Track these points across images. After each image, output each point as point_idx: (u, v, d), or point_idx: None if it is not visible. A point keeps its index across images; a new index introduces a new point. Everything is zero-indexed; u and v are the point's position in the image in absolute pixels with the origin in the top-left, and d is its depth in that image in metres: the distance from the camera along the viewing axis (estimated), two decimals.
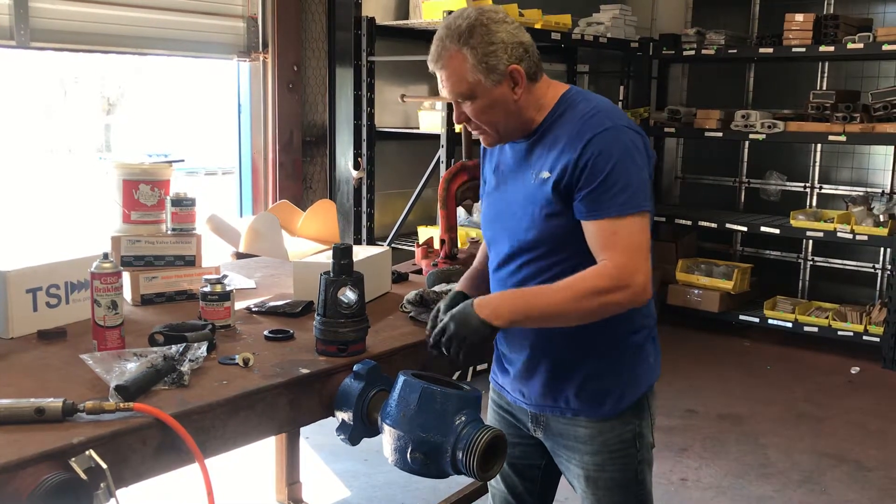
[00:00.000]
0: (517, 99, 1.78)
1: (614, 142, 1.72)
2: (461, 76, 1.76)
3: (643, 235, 1.72)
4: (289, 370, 1.86)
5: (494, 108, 1.79)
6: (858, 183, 6.11)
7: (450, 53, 1.76)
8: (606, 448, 1.90)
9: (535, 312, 1.75)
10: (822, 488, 3.74)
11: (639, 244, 1.71)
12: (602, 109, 1.78)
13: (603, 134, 1.72)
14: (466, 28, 1.74)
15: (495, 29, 1.75)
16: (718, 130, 5.93)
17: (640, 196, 1.72)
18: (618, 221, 1.70)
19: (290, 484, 3.44)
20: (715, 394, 4.88)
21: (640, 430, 1.94)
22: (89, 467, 1.41)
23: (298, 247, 2.81)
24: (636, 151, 1.75)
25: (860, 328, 5.44)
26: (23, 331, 2.08)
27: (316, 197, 4.76)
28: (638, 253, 1.71)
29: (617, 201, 1.70)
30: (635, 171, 1.73)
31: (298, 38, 4.61)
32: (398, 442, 1.68)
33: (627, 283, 1.69)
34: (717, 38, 6.00)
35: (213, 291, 2.15)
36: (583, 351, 1.86)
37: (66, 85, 16.54)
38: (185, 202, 2.47)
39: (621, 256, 1.70)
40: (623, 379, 1.89)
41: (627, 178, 1.71)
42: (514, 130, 1.84)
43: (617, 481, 1.93)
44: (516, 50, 1.77)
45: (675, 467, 3.91)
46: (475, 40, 1.74)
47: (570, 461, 1.95)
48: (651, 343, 1.95)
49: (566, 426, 1.92)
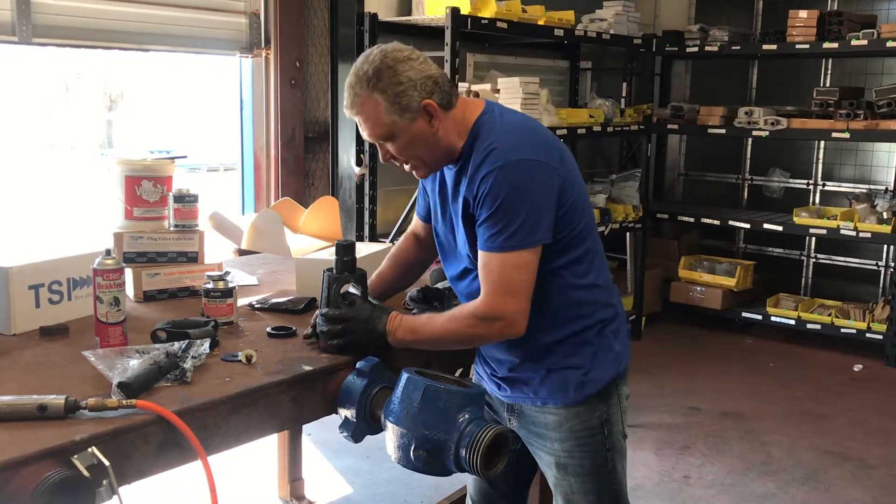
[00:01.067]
0: (435, 131, 1.85)
1: (503, 181, 1.78)
2: (377, 120, 1.82)
3: (516, 272, 1.79)
4: (291, 367, 1.85)
5: (415, 144, 1.85)
6: (862, 180, 6.10)
7: (362, 100, 1.81)
8: (573, 434, 1.97)
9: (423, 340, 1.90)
10: (825, 486, 3.74)
11: (510, 282, 1.79)
12: (498, 144, 1.82)
13: (494, 173, 1.78)
14: (374, 72, 1.79)
15: (401, 69, 1.80)
16: (721, 127, 5.91)
17: (524, 233, 1.78)
18: (495, 257, 1.79)
19: (292, 481, 3.45)
20: (717, 391, 4.88)
21: (608, 416, 1.99)
22: (92, 464, 1.41)
23: (300, 243, 2.81)
24: (530, 184, 1.80)
25: (863, 326, 5.43)
26: (25, 327, 2.07)
27: (318, 194, 4.75)
28: (508, 291, 1.79)
29: (498, 239, 1.79)
30: (523, 206, 1.78)
31: (301, 35, 4.60)
32: (401, 439, 1.67)
33: (495, 318, 1.80)
34: (721, 34, 5.98)
35: (216, 288, 2.15)
36: (546, 343, 1.94)
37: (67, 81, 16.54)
38: (187, 198, 2.47)
39: (491, 293, 1.80)
40: (586, 367, 1.95)
41: (511, 216, 1.77)
42: (440, 159, 1.91)
43: (587, 468, 1.99)
44: (426, 85, 1.81)
45: (677, 465, 3.90)
46: (384, 83, 1.79)
47: (541, 449, 2.03)
48: (613, 332, 2.00)
49: (537, 414, 2.00)
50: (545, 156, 1.83)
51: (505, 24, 4.56)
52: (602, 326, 1.97)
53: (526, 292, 1.81)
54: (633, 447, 4.03)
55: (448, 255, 2.06)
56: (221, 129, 4.84)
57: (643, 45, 5.75)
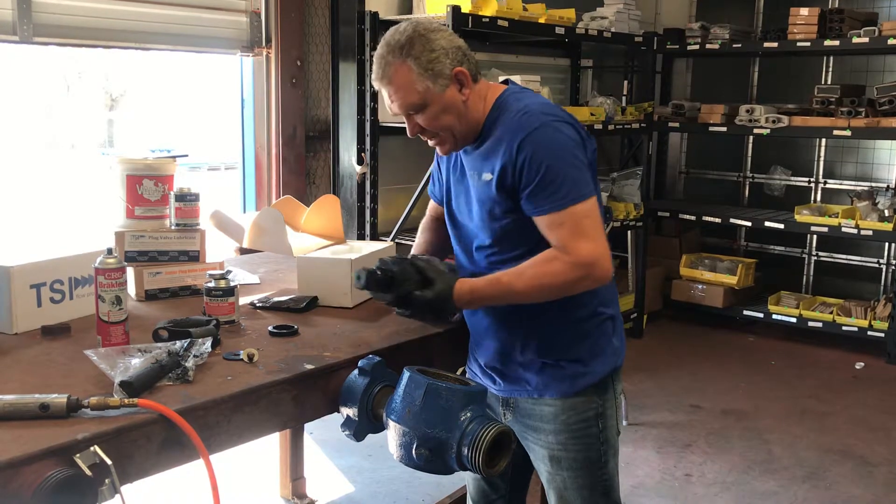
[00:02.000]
0: (465, 100, 1.88)
1: (545, 139, 1.81)
2: (410, 87, 1.84)
3: (589, 219, 1.82)
4: (293, 366, 1.85)
5: (447, 111, 1.87)
6: (863, 178, 6.09)
7: (394, 67, 1.84)
8: (568, 427, 1.98)
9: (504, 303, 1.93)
10: (827, 484, 3.74)
11: (589, 228, 1.81)
12: (532, 107, 1.86)
13: (533, 133, 1.81)
14: (406, 40, 1.83)
15: (433, 37, 1.85)
16: (723, 125, 5.91)
17: (580, 184, 1.81)
18: (562, 213, 1.81)
19: (294, 479, 3.45)
20: (719, 389, 4.88)
21: (603, 410, 2.01)
22: (94, 463, 1.41)
23: (302, 242, 2.81)
24: (569, 142, 1.84)
25: (865, 323, 5.43)
26: (27, 326, 2.07)
27: (319, 192, 4.75)
28: (589, 236, 1.81)
29: (557, 196, 1.80)
30: (569, 161, 1.82)
31: (301, 33, 4.60)
32: (403, 438, 1.67)
33: (586, 266, 1.81)
34: (722, 32, 5.98)
35: (217, 287, 2.14)
36: (545, 334, 1.96)
37: (68, 80, 16.55)
38: (188, 197, 2.47)
39: (575, 244, 1.80)
40: (584, 359, 1.97)
41: (563, 171, 1.81)
42: (467, 133, 1.92)
43: (580, 462, 2.00)
44: (456, 54, 1.86)
45: (679, 463, 3.90)
46: (416, 50, 1.82)
47: (535, 443, 2.04)
48: (611, 326, 2.03)
49: (533, 406, 2.01)
50: (576, 125, 1.89)
51: (506, 23, 4.56)
52: (602, 320, 2.00)
53: (603, 236, 1.83)
54: (634, 445, 4.03)
55: (463, 234, 2.06)
56: (222, 127, 4.85)
57: (644, 43, 5.74)
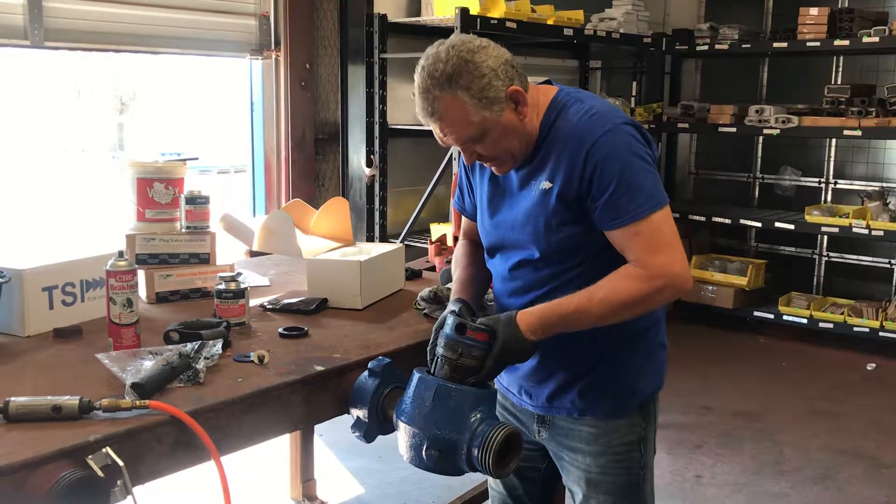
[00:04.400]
0: (523, 118, 1.73)
1: (616, 144, 1.68)
2: (465, 120, 1.68)
3: (667, 228, 1.69)
4: (303, 367, 1.86)
5: (507, 136, 1.72)
6: (874, 178, 6.06)
7: (444, 103, 1.67)
8: (610, 449, 1.88)
9: (577, 329, 1.73)
10: (839, 486, 3.72)
11: (666, 239, 1.69)
12: (596, 110, 1.73)
13: (603, 138, 1.68)
14: (452, 70, 1.65)
15: (479, 60, 1.66)
16: (732, 126, 5.89)
17: (654, 192, 1.69)
18: (639, 224, 1.67)
19: (304, 481, 3.45)
20: (729, 390, 4.86)
21: (646, 433, 1.91)
22: (106, 465, 1.41)
23: (312, 244, 2.81)
24: (639, 146, 1.71)
25: (876, 324, 5.39)
26: (39, 329, 2.09)
27: (328, 195, 4.76)
28: (666, 247, 1.68)
29: (634, 205, 1.67)
30: (643, 167, 1.69)
31: (310, 36, 4.61)
32: (413, 439, 1.67)
33: (663, 279, 1.67)
34: (731, 32, 5.96)
35: (228, 289, 2.15)
36: (594, 355, 1.84)
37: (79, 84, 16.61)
38: (199, 200, 2.48)
39: (651, 256, 1.67)
40: (631, 380, 1.87)
41: (638, 179, 1.68)
42: (526, 147, 1.78)
43: (619, 485, 1.89)
44: (506, 71, 1.69)
45: (689, 464, 3.89)
46: (465, 80, 1.65)
47: (571, 464, 1.92)
48: (660, 346, 1.93)
49: (571, 426, 1.89)
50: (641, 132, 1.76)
51: (514, 24, 4.56)
52: (650, 337, 1.89)
53: (680, 245, 1.71)
54: None
55: (502, 248, 1.89)
56: (232, 131, 4.86)
57: (653, 43, 5.74)
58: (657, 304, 1.75)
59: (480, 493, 3.07)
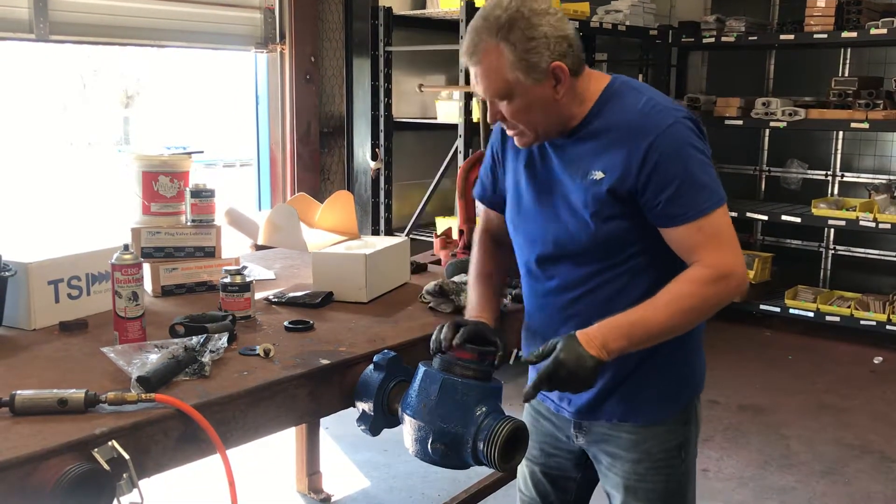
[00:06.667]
0: (559, 98, 1.64)
1: (678, 140, 1.62)
2: (499, 73, 1.61)
3: (727, 226, 1.65)
4: (309, 361, 1.86)
5: (533, 108, 1.65)
6: (881, 170, 6.03)
7: (486, 48, 1.60)
8: (650, 457, 1.82)
9: (644, 340, 1.64)
10: (845, 479, 3.71)
11: (727, 236, 1.65)
12: (657, 102, 1.66)
13: (665, 133, 1.61)
14: (506, 20, 1.58)
15: (537, 22, 1.59)
16: (739, 118, 5.87)
17: (714, 189, 1.64)
18: (699, 223, 1.62)
19: (310, 474, 3.46)
20: (736, 384, 4.85)
21: (686, 438, 1.85)
22: (112, 458, 1.42)
23: (317, 238, 2.81)
24: (698, 141, 1.66)
25: (883, 318, 5.38)
26: (45, 322, 2.09)
27: (334, 188, 4.76)
28: (728, 245, 1.64)
29: (696, 202, 1.62)
30: (704, 163, 1.64)
31: (315, 29, 4.61)
32: (419, 432, 1.67)
33: (727, 278, 1.63)
34: (738, 24, 5.93)
35: (233, 282, 2.15)
36: (635, 360, 1.73)
37: (84, 78, 16.65)
38: (204, 193, 2.48)
39: (714, 255, 1.62)
40: (672, 385, 1.82)
41: (700, 175, 1.63)
42: (553, 129, 1.70)
43: (658, 493, 1.83)
44: (560, 45, 1.61)
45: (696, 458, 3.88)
46: (515, 35, 1.58)
47: (610, 469, 1.87)
48: (700, 349, 1.88)
49: (610, 431, 1.83)
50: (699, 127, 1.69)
51: None
52: (694, 340, 1.83)
53: (738, 243, 1.66)
54: None
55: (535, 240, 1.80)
56: (237, 124, 4.87)
57: (659, 36, 5.72)
58: (719, 307, 1.67)
59: (486, 487, 3.07)
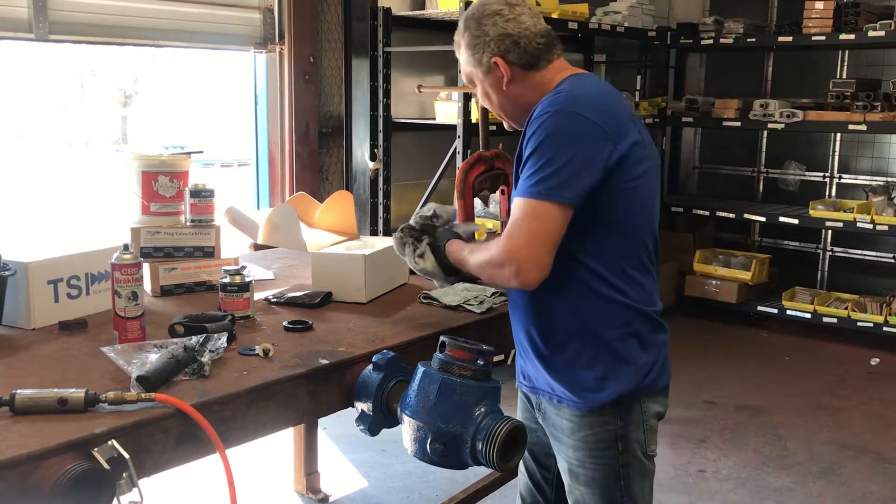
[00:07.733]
0: (506, 89, 1.89)
1: (550, 125, 1.71)
2: (464, 65, 1.95)
3: (535, 220, 1.68)
4: (308, 361, 1.86)
5: (490, 95, 1.94)
6: (879, 172, 6.05)
7: (457, 40, 1.95)
8: (586, 445, 1.86)
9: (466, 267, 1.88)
10: (842, 480, 3.72)
11: (526, 228, 1.68)
12: (559, 95, 1.77)
13: (541, 117, 1.74)
14: (465, 21, 1.91)
15: (485, 23, 1.87)
16: (737, 120, 5.88)
17: (552, 183, 1.67)
18: (519, 202, 1.72)
19: (308, 474, 3.46)
20: (733, 385, 4.86)
21: (625, 433, 1.85)
22: (112, 457, 1.42)
23: (316, 238, 2.82)
24: (575, 138, 1.70)
25: (880, 319, 5.39)
26: (44, 322, 2.09)
27: (332, 188, 4.76)
28: (521, 236, 1.68)
29: (526, 184, 1.71)
30: (557, 157, 1.68)
31: (314, 29, 4.61)
32: (418, 432, 1.68)
33: (504, 263, 1.70)
34: (736, 26, 5.94)
35: (233, 282, 2.16)
36: (564, 336, 1.83)
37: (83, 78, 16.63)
38: (203, 193, 2.48)
39: (506, 237, 1.71)
40: (602, 372, 1.81)
41: (543, 162, 1.69)
42: (518, 116, 1.92)
43: (597, 481, 1.88)
44: (502, 43, 1.86)
45: (693, 459, 3.89)
46: (468, 34, 1.90)
47: (558, 452, 1.94)
48: (637, 343, 1.85)
49: (556, 416, 1.89)
50: (603, 121, 1.72)
51: None
52: (628, 334, 1.83)
53: (542, 242, 1.67)
54: None
55: None
56: (236, 124, 4.86)
57: (657, 37, 5.72)
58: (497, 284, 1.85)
59: (484, 487, 3.08)
